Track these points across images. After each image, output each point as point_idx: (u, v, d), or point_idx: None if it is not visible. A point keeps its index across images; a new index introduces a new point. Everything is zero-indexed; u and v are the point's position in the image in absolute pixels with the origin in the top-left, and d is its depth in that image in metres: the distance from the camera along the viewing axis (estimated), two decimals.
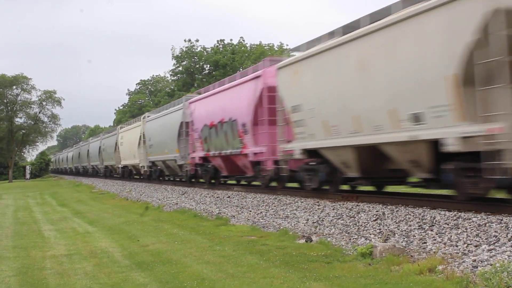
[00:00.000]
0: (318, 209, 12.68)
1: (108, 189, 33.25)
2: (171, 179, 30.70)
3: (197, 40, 66.19)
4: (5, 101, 68.64)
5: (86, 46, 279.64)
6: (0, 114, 68.51)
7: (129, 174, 39.37)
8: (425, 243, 8.42)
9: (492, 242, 7.57)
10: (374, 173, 12.66)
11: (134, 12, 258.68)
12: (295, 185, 17.18)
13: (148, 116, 32.96)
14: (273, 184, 17.77)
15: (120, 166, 39.92)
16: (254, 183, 20.27)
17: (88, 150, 56.21)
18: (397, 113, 10.48)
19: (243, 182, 22.46)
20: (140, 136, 32.84)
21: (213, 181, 22.80)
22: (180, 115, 25.23)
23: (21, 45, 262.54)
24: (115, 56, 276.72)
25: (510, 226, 7.94)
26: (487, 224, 8.32)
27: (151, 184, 30.35)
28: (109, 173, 46.64)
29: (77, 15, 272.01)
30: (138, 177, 38.05)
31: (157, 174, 31.13)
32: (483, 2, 8.32)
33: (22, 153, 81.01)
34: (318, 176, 14.15)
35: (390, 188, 15.18)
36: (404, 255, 7.95)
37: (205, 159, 22.43)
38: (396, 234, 9.23)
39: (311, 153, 14.13)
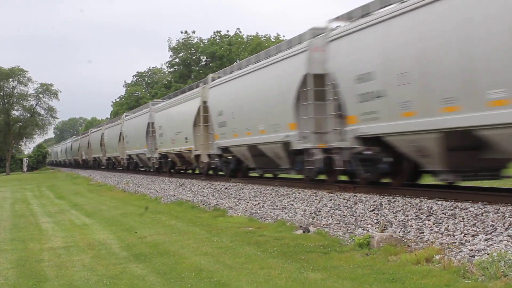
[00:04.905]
0: (316, 199, 12.70)
1: (106, 181, 33.20)
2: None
3: (193, 32, 65.76)
4: (1, 93, 68.34)
5: (83, 39, 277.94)
6: None
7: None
8: (422, 233, 8.44)
9: (489, 232, 7.60)
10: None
11: (131, 4, 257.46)
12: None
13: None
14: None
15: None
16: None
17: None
18: None
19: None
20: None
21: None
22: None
23: (18, 38, 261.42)
24: (111, 48, 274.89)
25: (507, 215, 7.97)
26: (484, 214, 8.34)
27: (149, 176, 30.31)
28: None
29: (74, 9, 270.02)
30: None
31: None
32: None
33: (19, 146, 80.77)
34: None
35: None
36: (401, 245, 7.97)
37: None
38: (393, 224, 9.25)
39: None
